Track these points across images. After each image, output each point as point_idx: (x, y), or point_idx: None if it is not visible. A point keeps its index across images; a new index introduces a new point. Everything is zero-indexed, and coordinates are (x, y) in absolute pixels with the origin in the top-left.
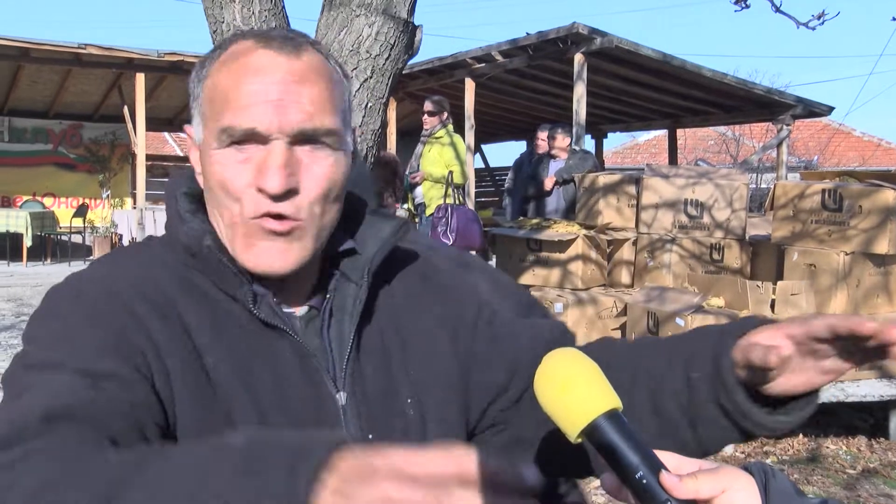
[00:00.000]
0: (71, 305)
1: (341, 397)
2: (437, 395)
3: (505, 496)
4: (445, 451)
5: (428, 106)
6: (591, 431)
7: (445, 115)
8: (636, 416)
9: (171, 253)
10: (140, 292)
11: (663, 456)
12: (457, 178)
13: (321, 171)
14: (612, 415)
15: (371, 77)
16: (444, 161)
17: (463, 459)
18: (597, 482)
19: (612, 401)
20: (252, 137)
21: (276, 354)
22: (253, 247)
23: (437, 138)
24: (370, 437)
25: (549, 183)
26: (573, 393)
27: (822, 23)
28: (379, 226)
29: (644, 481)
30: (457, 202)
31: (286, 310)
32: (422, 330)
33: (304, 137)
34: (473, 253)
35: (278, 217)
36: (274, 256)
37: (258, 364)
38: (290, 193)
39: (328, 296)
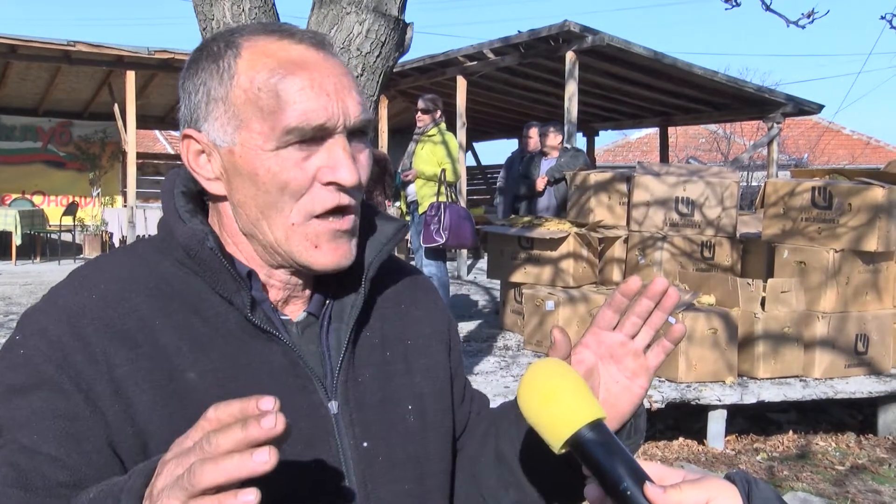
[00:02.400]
0: (26, 356)
1: (333, 406)
2: (436, 404)
3: None
4: None
5: (421, 104)
6: (575, 442)
7: (438, 113)
8: (483, 468)
9: (159, 255)
10: (106, 323)
11: (647, 466)
12: (449, 177)
13: (365, 162)
14: (595, 425)
15: (361, 75)
16: (436, 159)
17: None
18: None
19: (595, 411)
20: (319, 134)
21: (266, 362)
22: (319, 247)
23: (429, 136)
24: (365, 444)
25: (540, 183)
26: (557, 403)
27: (812, 21)
28: (378, 228)
29: (628, 493)
30: (449, 200)
31: (283, 316)
32: (423, 339)
33: (357, 129)
34: (465, 251)
35: (341, 213)
36: (340, 253)
37: (246, 373)
38: (356, 185)
39: (327, 302)
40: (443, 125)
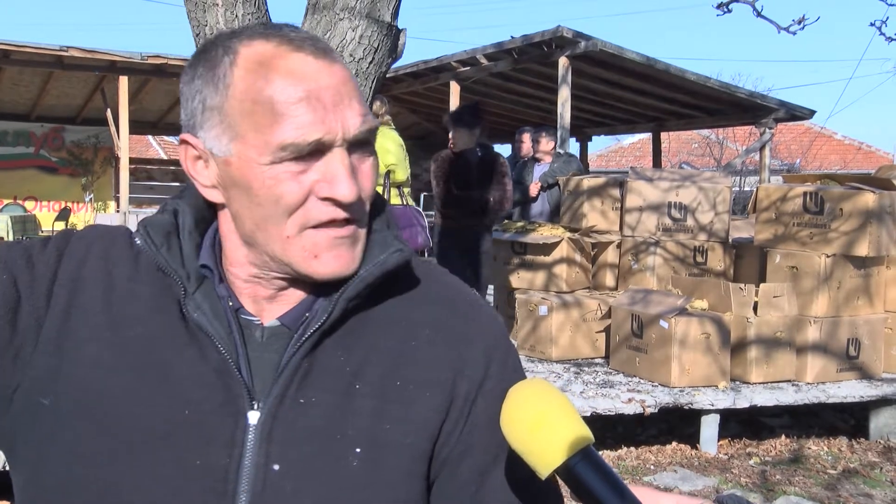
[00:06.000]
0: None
1: (251, 416)
2: (401, 461)
3: None
4: None
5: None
6: (565, 469)
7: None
8: None
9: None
10: (97, 265)
11: (638, 492)
12: (399, 177)
13: (369, 171)
14: (586, 452)
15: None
16: (382, 161)
17: None
18: None
19: (585, 437)
20: (317, 148)
21: (202, 357)
22: (319, 256)
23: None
24: (276, 467)
25: (534, 189)
26: (546, 430)
27: (803, 27)
28: (373, 250)
29: None
30: (404, 203)
31: (246, 317)
32: (416, 386)
33: (358, 141)
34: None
35: (343, 223)
36: (342, 262)
37: (170, 359)
38: (355, 200)
39: (307, 314)
40: (383, 127)
